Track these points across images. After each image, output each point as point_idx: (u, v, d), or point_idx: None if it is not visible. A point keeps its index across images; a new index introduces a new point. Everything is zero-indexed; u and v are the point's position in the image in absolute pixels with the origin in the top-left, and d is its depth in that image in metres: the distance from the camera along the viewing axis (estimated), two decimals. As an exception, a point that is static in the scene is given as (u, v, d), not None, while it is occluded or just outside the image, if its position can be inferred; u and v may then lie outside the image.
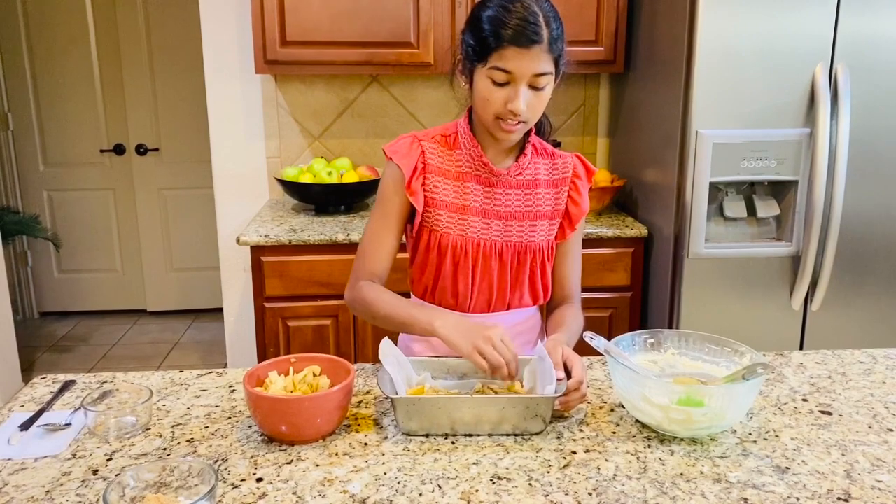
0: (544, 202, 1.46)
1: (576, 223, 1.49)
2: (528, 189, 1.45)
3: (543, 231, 1.46)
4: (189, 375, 1.41)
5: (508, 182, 1.43)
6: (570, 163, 1.48)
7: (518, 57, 1.26)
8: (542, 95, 1.31)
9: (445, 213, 1.42)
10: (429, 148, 1.43)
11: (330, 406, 1.15)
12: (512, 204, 1.44)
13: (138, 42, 4.23)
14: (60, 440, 1.16)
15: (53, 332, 4.33)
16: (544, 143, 1.49)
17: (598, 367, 1.45)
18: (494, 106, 1.31)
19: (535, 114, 1.33)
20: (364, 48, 2.64)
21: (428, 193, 1.42)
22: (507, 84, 1.29)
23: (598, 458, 1.10)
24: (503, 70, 1.27)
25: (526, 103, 1.29)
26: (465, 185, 1.42)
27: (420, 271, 1.48)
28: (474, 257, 1.43)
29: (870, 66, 2.24)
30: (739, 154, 2.26)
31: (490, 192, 1.43)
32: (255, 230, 2.50)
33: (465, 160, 1.42)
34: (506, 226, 1.44)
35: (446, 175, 1.43)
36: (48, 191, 4.42)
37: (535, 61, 1.26)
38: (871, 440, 1.16)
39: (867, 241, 2.36)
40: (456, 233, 1.42)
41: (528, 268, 1.46)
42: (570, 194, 1.48)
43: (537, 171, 1.46)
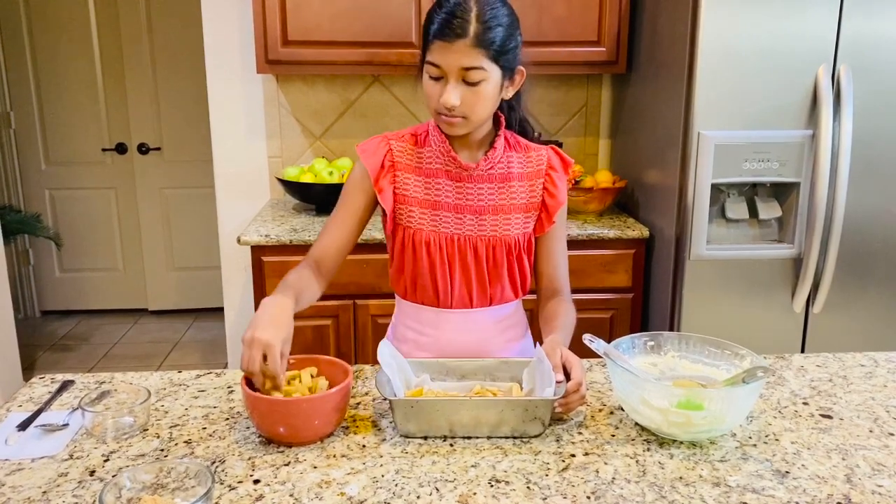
0: (518, 195, 1.46)
1: (553, 215, 1.47)
2: (500, 182, 1.45)
3: (519, 224, 1.46)
4: (187, 376, 1.40)
5: (479, 176, 1.44)
6: (545, 155, 1.48)
7: (443, 50, 1.27)
8: (479, 91, 1.30)
9: (417, 210, 1.43)
10: (397, 146, 1.45)
11: (328, 408, 1.14)
12: (485, 198, 1.44)
13: (140, 41, 4.23)
14: (58, 441, 1.15)
15: (55, 331, 4.33)
16: (518, 137, 1.49)
17: (597, 369, 1.45)
18: (432, 100, 1.33)
19: (472, 109, 1.32)
20: (365, 48, 2.64)
21: (398, 190, 1.43)
22: (440, 79, 1.30)
23: (597, 461, 1.10)
24: (433, 64, 1.29)
25: (458, 98, 1.29)
26: (435, 181, 1.43)
27: (399, 271, 1.49)
28: (449, 252, 1.44)
29: (872, 68, 2.23)
30: (741, 155, 2.25)
31: (461, 187, 1.43)
32: (256, 230, 2.50)
33: (435, 156, 1.43)
34: (479, 220, 1.44)
35: (416, 172, 1.44)
36: (50, 189, 4.42)
37: (460, 55, 1.26)
38: (871, 444, 1.15)
39: (869, 243, 2.35)
40: (429, 228, 1.43)
41: (504, 261, 1.46)
42: (546, 186, 1.47)
43: (510, 164, 1.45)
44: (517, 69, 1.36)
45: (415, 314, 1.51)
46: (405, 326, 1.54)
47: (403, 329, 1.55)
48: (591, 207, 2.73)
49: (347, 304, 2.50)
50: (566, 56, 2.70)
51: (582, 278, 2.55)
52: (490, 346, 1.48)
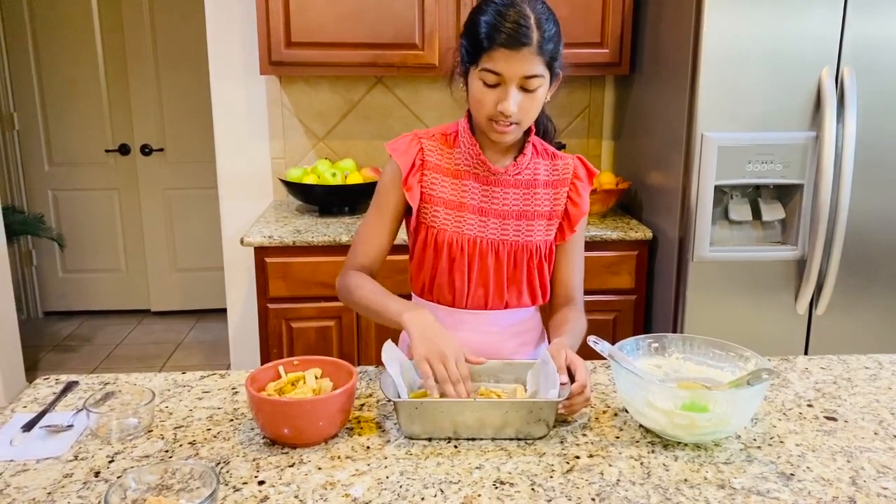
0: (542, 202, 1.46)
1: (575, 224, 1.48)
2: (526, 189, 1.45)
3: (541, 231, 1.47)
4: (192, 377, 1.40)
5: (507, 181, 1.44)
6: (571, 164, 1.49)
7: (507, 59, 1.27)
8: (535, 98, 1.32)
9: (442, 210, 1.43)
10: (428, 145, 1.45)
11: (332, 409, 1.14)
12: (510, 203, 1.45)
13: (143, 43, 4.24)
14: (62, 441, 1.15)
15: (57, 332, 4.33)
16: (545, 145, 1.49)
17: (601, 371, 1.44)
18: (486, 107, 1.32)
19: (527, 116, 1.34)
20: (369, 49, 2.64)
21: (425, 190, 1.44)
22: (497, 86, 1.30)
23: (602, 463, 1.10)
24: (493, 72, 1.29)
25: (516, 105, 1.30)
26: (462, 182, 1.44)
27: (418, 268, 1.50)
28: (470, 254, 1.44)
29: (876, 70, 2.23)
30: (745, 157, 2.25)
31: (488, 191, 1.44)
32: (259, 231, 2.50)
33: (464, 158, 1.44)
34: (503, 224, 1.44)
35: (444, 172, 1.44)
36: (53, 190, 4.43)
37: (524, 63, 1.27)
38: (876, 447, 1.15)
39: (873, 245, 2.35)
40: (452, 229, 1.44)
41: (525, 267, 1.46)
42: (570, 195, 1.48)
43: (537, 171, 1.46)
44: (558, 76, 1.37)
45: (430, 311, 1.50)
46: None
47: None
48: (594, 209, 2.73)
49: (350, 305, 2.50)
50: (569, 58, 2.65)
51: (585, 280, 2.51)
52: (502, 348, 1.48)
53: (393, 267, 2.46)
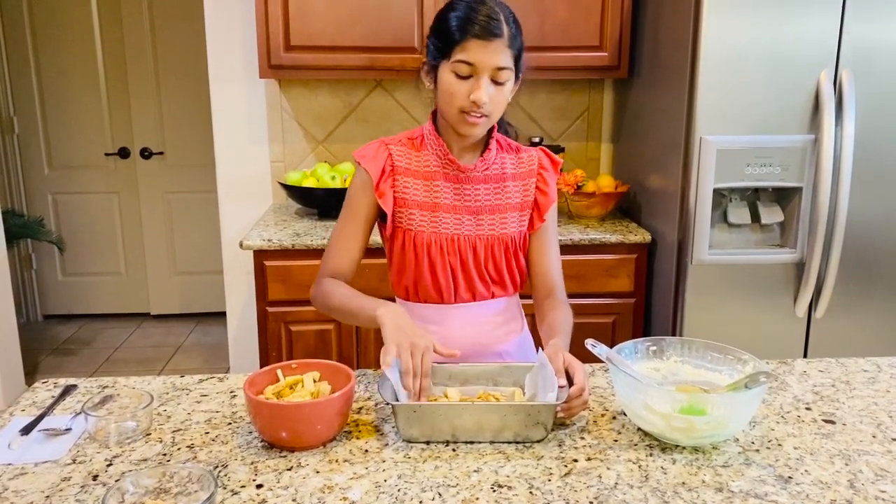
0: (513, 195, 1.50)
1: (544, 212, 1.52)
2: (496, 183, 1.49)
3: (514, 223, 1.50)
4: (190, 380, 1.40)
5: (476, 177, 1.48)
6: (535, 156, 1.54)
7: (480, 49, 1.32)
8: (503, 91, 1.37)
9: (418, 212, 1.46)
10: (396, 150, 1.48)
11: (330, 412, 1.14)
12: (482, 198, 1.48)
13: (143, 46, 4.25)
14: (61, 445, 1.15)
15: (57, 335, 4.33)
16: (509, 140, 1.54)
17: (600, 374, 1.44)
18: (458, 99, 1.35)
19: (497, 108, 1.38)
20: (368, 53, 2.64)
21: (398, 194, 1.47)
22: (469, 77, 1.34)
23: (600, 467, 1.10)
24: (466, 62, 1.33)
25: (488, 95, 1.34)
26: (434, 183, 1.47)
27: (399, 273, 1.52)
28: (450, 252, 1.47)
29: (874, 73, 2.23)
30: (743, 160, 2.25)
31: (459, 188, 1.47)
32: (258, 234, 2.50)
33: (433, 159, 1.47)
34: (477, 220, 1.48)
35: (415, 175, 1.47)
36: (53, 194, 4.43)
37: (497, 54, 1.33)
38: (874, 450, 1.15)
39: (872, 247, 2.35)
40: (430, 230, 1.46)
41: (503, 259, 1.50)
42: (538, 185, 1.52)
43: (504, 165, 1.50)
44: (520, 76, 1.42)
45: (418, 312, 1.52)
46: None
47: None
48: (593, 212, 2.73)
49: (350, 308, 2.50)
50: (568, 61, 2.70)
51: (584, 283, 2.55)
52: (491, 338, 1.52)
53: (392, 270, 2.47)
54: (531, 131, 3.07)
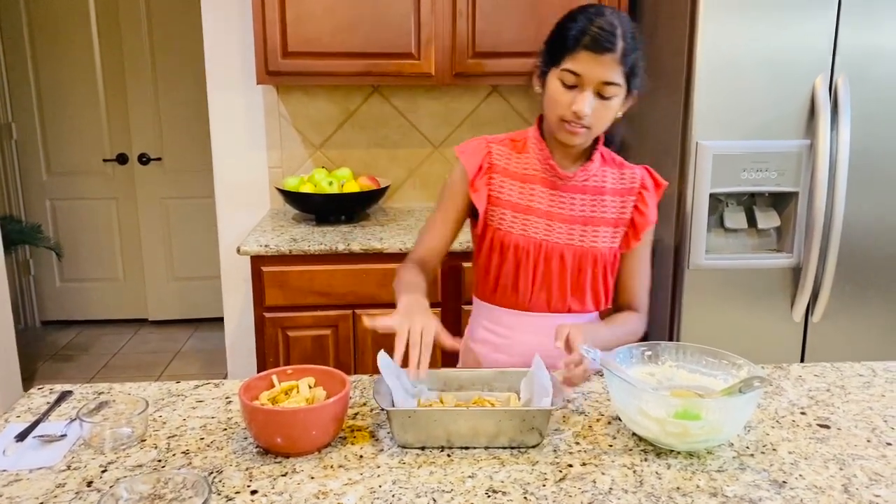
0: (609, 209, 1.49)
1: (640, 233, 1.51)
2: (593, 195, 1.49)
3: (606, 238, 1.49)
4: (186, 386, 1.41)
5: (574, 186, 1.48)
6: (639, 174, 1.52)
7: (589, 61, 1.32)
8: (609, 106, 1.36)
9: (510, 213, 1.47)
10: (496, 149, 1.50)
11: (325, 418, 1.14)
12: (577, 208, 1.48)
13: (141, 52, 4.25)
14: (56, 451, 1.16)
15: (55, 342, 4.33)
16: (613, 154, 1.53)
17: (595, 379, 1.44)
18: (560, 107, 1.36)
19: (599, 122, 1.38)
20: (365, 59, 2.65)
21: (493, 193, 1.48)
22: (574, 87, 1.35)
23: (595, 472, 1.10)
24: (573, 72, 1.33)
25: (590, 108, 1.34)
26: (530, 186, 1.48)
27: (484, 271, 1.54)
28: (535, 258, 1.47)
29: (870, 78, 2.24)
30: (740, 165, 2.26)
31: (555, 195, 1.48)
32: (256, 240, 2.50)
33: (533, 163, 1.48)
34: (569, 229, 1.47)
35: (512, 176, 1.48)
36: (51, 200, 4.43)
37: (605, 68, 1.32)
38: (869, 454, 1.15)
39: (868, 252, 2.35)
40: (518, 232, 1.47)
41: (589, 273, 1.49)
42: (637, 204, 1.51)
43: (604, 178, 1.50)
44: (634, 93, 1.41)
45: (491, 315, 1.55)
46: (484, 329, 1.59)
47: (483, 331, 1.59)
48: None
49: (347, 313, 2.50)
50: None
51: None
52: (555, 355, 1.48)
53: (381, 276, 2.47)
54: (528, 137, 3.08)
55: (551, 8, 2.64)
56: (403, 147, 3.09)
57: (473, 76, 2.70)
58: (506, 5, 2.64)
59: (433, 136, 3.09)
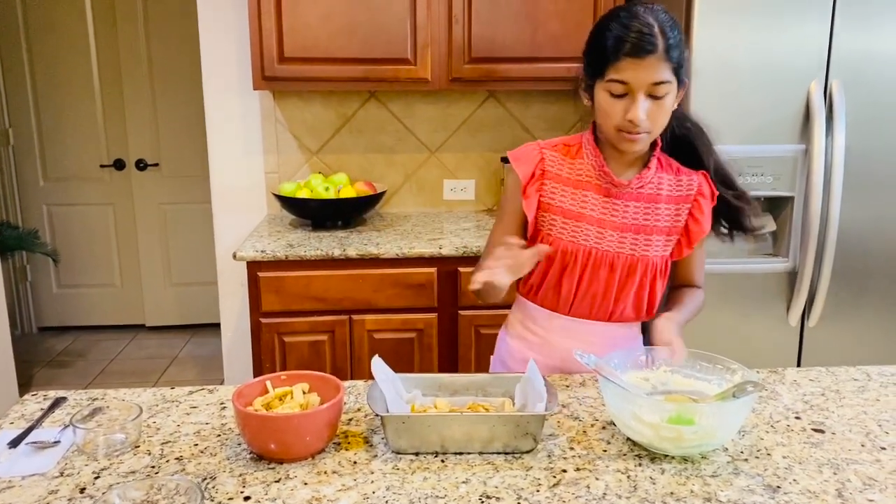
0: (663, 217, 1.47)
1: (694, 242, 1.48)
2: (648, 203, 1.46)
3: (659, 246, 1.47)
4: (180, 392, 1.40)
5: (629, 194, 1.45)
6: (696, 181, 1.48)
7: (633, 67, 1.29)
8: (663, 105, 1.34)
9: (560, 219, 1.45)
10: (549, 155, 1.47)
11: (319, 424, 1.14)
12: (630, 216, 1.45)
13: (138, 58, 4.26)
14: (49, 458, 1.15)
15: (52, 347, 4.32)
16: (670, 159, 1.49)
17: (590, 384, 1.44)
18: (614, 118, 1.34)
19: (657, 124, 1.36)
20: (361, 65, 2.65)
21: (544, 199, 1.46)
22: (624, 95, 1.32)
23: (589, 477, 1.10)
24: (620, 81, 1.31)
25: (645, 112, 1.32)
26: (583, 193, 1.45)
27: (529, 272, 1.49)
28: (583, 264, 1.45)
29: (864, 83, 2.24)
30: (735, 170, 2.25)
31: (609, 203, 1.45)
32: (252, 245, 2.50)
33: (587, 169, 1.46)
34: (620, 237, 1.45)
35: (565, 182, 1.46)
36: (48, 205, 4.43)
37: (651, 70, 1.30)
38: (863, 458, 1.15)
39: (864, 256, 2.36)
40: (568, 238, 1.45)
41: (636, 282, 1.47)
42: (692, 212, 1.47)
43: (660, 185, 1.46)
44: (685, 84, 1.38)
45: (529, 313, 1.55)
46: (521, 325, 1.58)
47: (519, 327, 1.59)
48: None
49: (343, 319, 2.50)
50: (561, 72, 2.71)
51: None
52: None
53: (399, 281, 2.48)
54: (525, 142, 3.08)
55: (546, 14, 2.66)
56: (400, 152, 3.09)
57: (469, 81, 2.71)
58: (501, 11, 2.64)
59: (430, 142, 3.09)
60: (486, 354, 2.54)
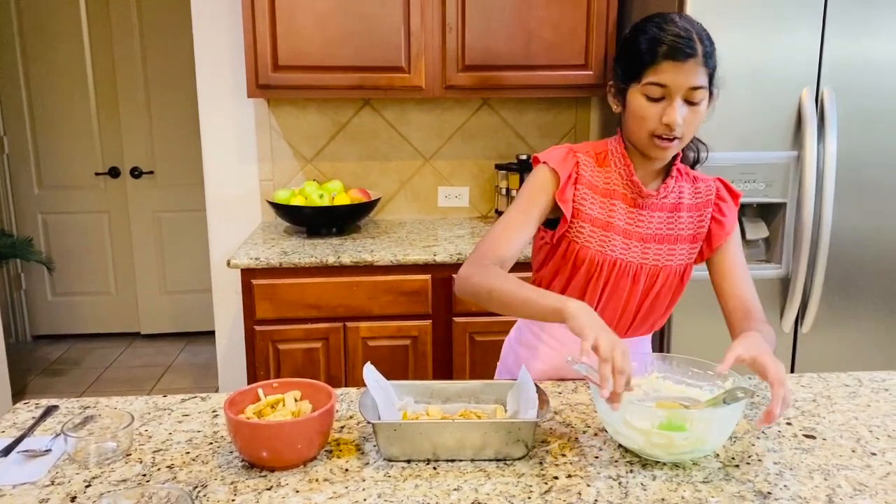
0: (686, 226, 1.46)
1: (715, 244, 1.47)
2: (670, 212, 1.45)
3: (683, 255, 1.47)
4: (172, 400, 1.40)
5: (654, 204, 1.44)
6: (713, 186, 1.49)
7: (673, 70, 1.29)
8: (698, 111, 1.33)
9: (588, 227, 1.43)
10: (583, 160, 1.44)
11: (311, 431, 1.14)
12: (654, 227, 1.44)
13: (133, 65, 4.27)
14: (40, 466, 1.15)
15: (46, 356, 4.31)
16: (686, 168, 1.49)
17: (582, 390, 1.45)
18: (650, 123, 1.33)
19: (690, 130, 1.34)
20: (356, 72, 2.66)
21: (576, 204, 1.43)
22: (661, 100, 1.31)
23: (580, 484, 1.10)
24: (658, 84, 1.30)
25: (682, 117, 1.31)
26: (612, 202, 1.43)
27: (549, 278, 1.49)
28: (608, 275, 1.43)
29: (855, 90, 2.26)
30: (728, 176, 2.23)
31: (634, 213, 1.44)
32: (246, 253, 2.50)
33: (615, 178, 1.44)
34: (643, 248, 1.44)
35: (595, 190, 1.44)
36: (42, 214, 4.43)
37: (690, 74, 1.29)
38: (853, 464, 1.16)
39: (856, 262, 2.37)
40: (596, 248, 1.43)
41: (657, 291, 1.46)
42: (714, 215, 1.47)
43: (681, 194, 1.46)
44: (716, 93, 1.38)
45: (547, 325, 1.51)
46: (532, 334, 1.56)
47: (530, 336, 1.57)
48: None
49: (338, 326, 2.50)
50: (555, 79, 2.73)
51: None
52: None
53: (393, 288, 2.48)
54: (519, 149, 3.09)
55: (540, 22, 2.67)
56: (394, 159, 3.10)
57: (464, 89, 2.72)
58: (495, 19, 2.65)
59: (424, 149, 3.10)
60: (480, 361, 2.56)
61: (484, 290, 1.33)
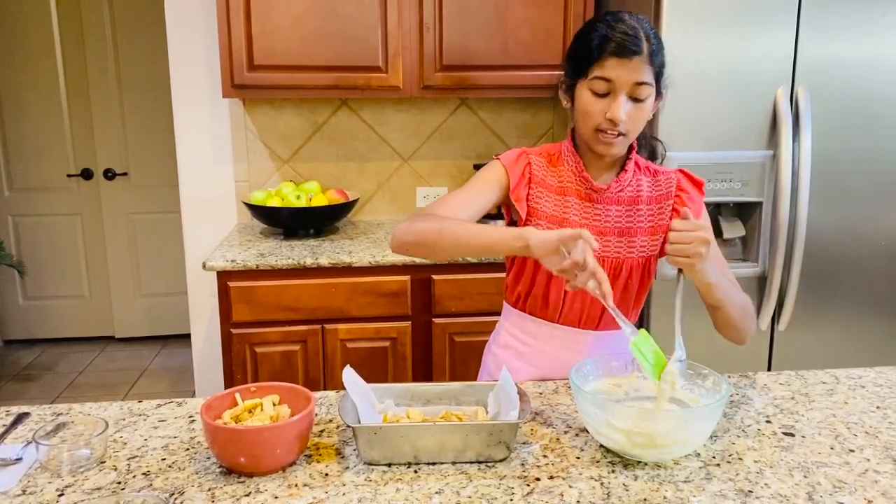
0: (645, 218, 1.49)
1: None
2: (629, 206, 1.48)
3: (644, 247, 1.49)
4: (148, 406, 1.38)
5: (609, 198, 1.47)
6: (674, 178, 1.51)
7: (619, 66, 1.32)
8: (642, 108, 1.36)
9: (545, 225, 1.45)
10: (535, 161, 1.49)
11: (290, 436, 1.12)
12: (612, 220, 1.47)
13: (106, 65, 4.20)
14: (10, 476, 1.12)
15: (18, 361, 4.23)
16: (647, 162, 1.52)
17: (563, 391, 1.44)
18: (594, 118, 1.36)
19: (634, 126, 1.38)
20: (333, 72, 2.64)
21: (531, 203, 1.47)
22: (606, 95, 1.35)
23: (562, 485, 1.09)
24: (604, 79, 1.34)
25: (626, 113, 1.34)
26: (565, 199, 1.47)
27: (516, 279, 1.53)
28: None
29: (829, 89, 2.28)
30: (705, 176, 2.25)
31: (590, 208, 1.47)
32: (222, 255, 2.47)
33: (567, 176, 1.47)
34: (603, 241, 1.46)
35: (548, 188, 1.47)
36: (13, 216, 4.35)
37: (635, 71, 1.33)
38: (832, 461, 1.16)
39: (832, 260, 2.39)
40: None
41: (622, 284, 1.48)
42: (675, 207, 1.49)
43: (640, 187, 1.49)
44: (663, 93, 1.42)
45: (520, 323, 1.54)
46: (508, 334, 1.58)
47: (507, 336, 1.58)
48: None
49: (316, 328, 2.48)
50: (532, 80, 2.72)
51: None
52: None
53: (372, 289, 2.46)
54: (497, 149, 3.09)
55: (517, 21, 2.67)
56: (372, 160, 3.08)
57: (441, 89, 2.71)
58: (472, 19, 2.65)
59: (402, 149, 3.08)
60: (460, 362, 2.55)
61: (433, 230, 1.37)
